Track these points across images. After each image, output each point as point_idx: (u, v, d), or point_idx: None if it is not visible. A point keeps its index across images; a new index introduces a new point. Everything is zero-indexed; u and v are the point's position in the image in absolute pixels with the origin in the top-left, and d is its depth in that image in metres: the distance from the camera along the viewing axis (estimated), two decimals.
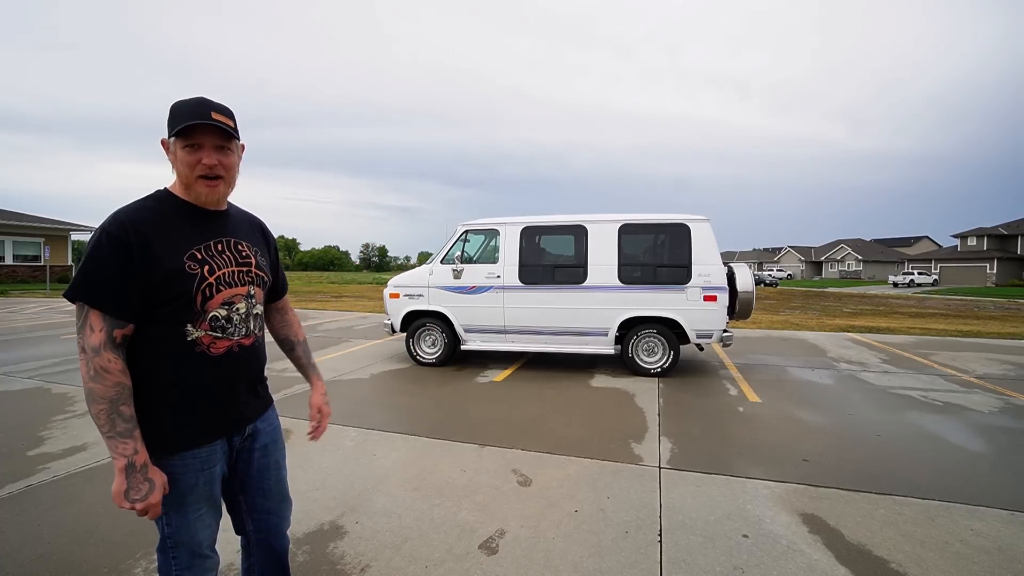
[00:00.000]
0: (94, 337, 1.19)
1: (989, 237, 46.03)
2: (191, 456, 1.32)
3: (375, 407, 4.71)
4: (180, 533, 1.34)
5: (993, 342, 9.00)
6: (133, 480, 1.20)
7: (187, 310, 1.29)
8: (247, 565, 1.60)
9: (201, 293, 1.30)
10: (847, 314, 14.60)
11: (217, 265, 1.34)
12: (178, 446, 1.31)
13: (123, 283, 1.21)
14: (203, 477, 1.35)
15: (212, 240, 1.36)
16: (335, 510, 2.71)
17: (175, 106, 1.30)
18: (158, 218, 1.28)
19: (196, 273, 1.29)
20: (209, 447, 1.36)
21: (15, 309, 13.51)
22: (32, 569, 2.16)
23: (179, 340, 1.28)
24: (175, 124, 1.28)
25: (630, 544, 2.39)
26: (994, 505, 2.77)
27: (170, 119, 1.30)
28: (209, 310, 1.32)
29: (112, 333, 1.21)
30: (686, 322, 5.80)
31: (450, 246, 6.44)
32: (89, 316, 1.20)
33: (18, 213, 25.85)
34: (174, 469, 1.30)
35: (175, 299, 1.27)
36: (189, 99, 1.31)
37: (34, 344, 7.93)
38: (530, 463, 3.36)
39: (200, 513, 1.36)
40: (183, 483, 1.32)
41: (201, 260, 1.31)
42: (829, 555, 2.31)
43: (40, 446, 3.57)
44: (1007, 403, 4.89)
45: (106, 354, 1.19)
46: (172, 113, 1.30)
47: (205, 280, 1.31)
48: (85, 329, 1.20)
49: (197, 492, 1.34)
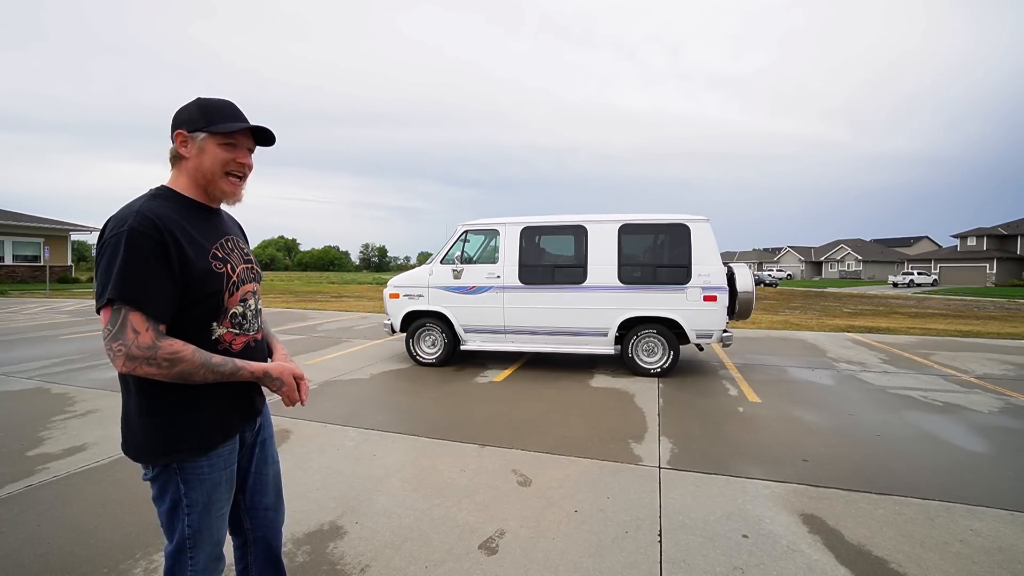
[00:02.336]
0: (143, 338, 1.14)
1: (989, 237, 46.04)
2: (216, 454, 1.33)
3: (375, 407, 4.70)
4: (202, 534, 1.31)
5: (993, 342, 9.00)
6: (267, 385, 1.35)
7: (217, 309, 1.29)
8: (243, 566, 1.58)
9: (228, 291, 1.31)
10: (847, 314, 14.61)
11: (235, 262, 1.36)
12: (208, 446, 1.30)
13: (163, 283, 1.18)
14: (227, 474, 1.36)
15: (223, 238, 1.36)
16: (335, 510, 2.70)
17: (208, 103, 1.30)
18: (178, 216, 1.26)
19: (223, 272, 1.30)
20: (232, 443, 1.37)
21: (15, 309, 13.51)
22: (32, 569, 2.16)
23: (205, 339, 1.28)
24: (212, 120, 1.27)
25: (630, 544, 2.39)
26: (994, 505, 2.77)
27: (202, 115, 1.28)
28: (231, 307, 1.33)
29: (159, 330, 1.18)
30: (686, 322, 5.80)
31: (450, 246, 6.44)
32: (130, 319, 1.14)
33: (18, 213, 25.85)
34: (201, 470, 1.30)
35: (208, 299, 1.27)
36: (218, 99, 1.32)
37: (34, 344, 7.93)
38: (530, 463, 3.36)
39: (222, 511, 1.37)
40: (210, 482, 1.31)
41: (222, 258, 1.32)
42: (829, 555, 2.31)
43: (40, 446, 3.57)
44: (1007, 403, 4.89)
45: (164, 343, 1.16)
46: (205, 109, 1.29)
47: (230, 278, 1.32)
48: (127, 333, 1.14)
49: (221, 490, 1.35)
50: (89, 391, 5.07)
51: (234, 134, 1.30)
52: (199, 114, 1.29)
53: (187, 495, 1.30)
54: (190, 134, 1.28)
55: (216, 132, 1.27)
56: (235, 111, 1.32)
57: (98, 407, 4.52)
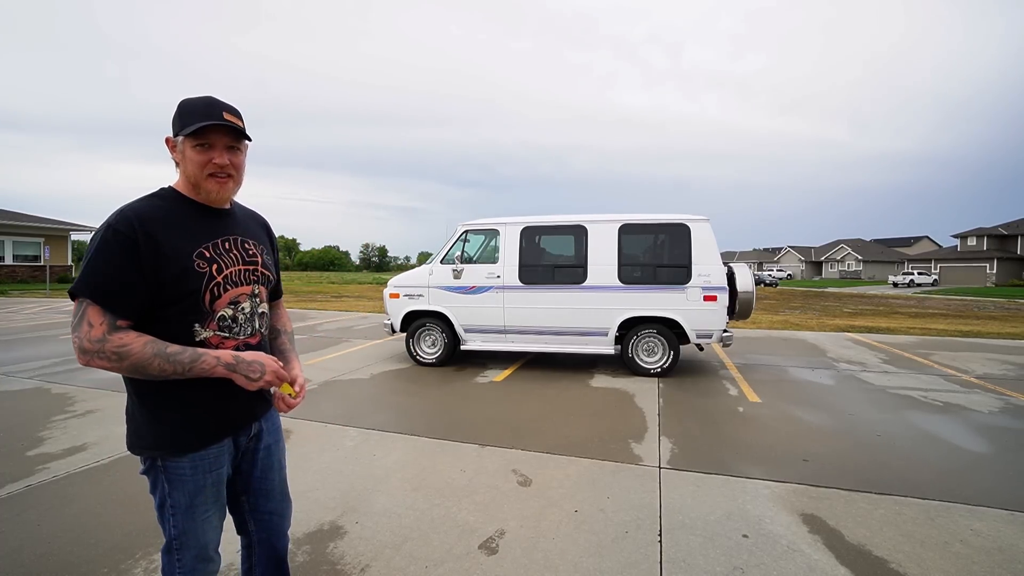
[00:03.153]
0: (94, 331, 1.16)
1: (989, 237, 46.03)
2: (199, 457, 1.32)
3: (375, 407, 4.70)
4: (187, 536, 1.32)
5: (993, 342, 9.00)
6: (243, 372, 1.27)
7: (195, 310, 1.27)
8: (247, 566, 1.60)
9: (209, 292, 1.29)
10: (847, 314, 14.60)
11: (225, 264, 1.33)
12: (188, 447, 1.30)
13: (128, 280, 1.18)
14: (211, 478, 1.35)
15: (219, 238, 1.34)
16: (335, 510, 2.71)
17: (184, 105, 1.28)
18: (165, 216, 1.26)
19: (205, 272, 1.28)
20: (217, 447, 1.36)
21: (15, 309, 13.51)
22: (32, 569, 2.16)
23: (188, 341, 1.27)
24: (185, 123, 1.26)
25: (630, 544, 2.39)
26: (994, 505, 2.77)
27: (178, 117, 1.27)
28: (217, 310, 1.31)
29: (115, 325, 1.18)
30: (686, 322, 5.80)
31: (450, 246, 6.44)
32: (87, 312, 1.17)
33: (18, 213, 25.84)
34: (183, 471, 1.30)
35: (183, 298, 1.25)
36: (197, 98, 1.29)
37: (34, 344, 7.93)
38: (530, 463, 3.36)
39: (208, 515, 1.36)
40: (192, 484, 1.31)
41: (210, 259, 1.30)
42: (829, 555, 2.31)
43: (40, 446, 3.57)
44: (1007, 403, 4.89)
45: (113, 336, 1.16)
46: (181, 112, 1.28)
47: (214, 279, 1.30)
48: (83, 326, 1.16)
49: (205, 493, 1.34)
50: (89, 391, 5.07)
51: (207, 134, 1.26)
52: (177, 117, 1.28)
53: (171, 495, 1.31)
54: (175, 138, 1.29)
55: (189, 135, 1.26)
56: (208, 110, 1.27)
57: (98, 407, 4.52)
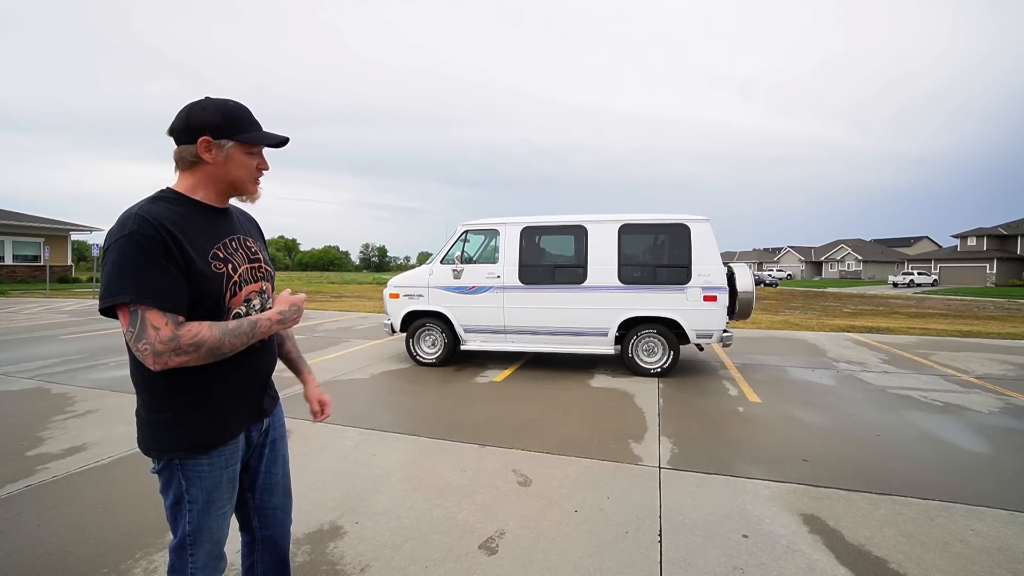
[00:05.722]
0: (163, 332, 1.14)
1: (989, 237, 46.02)
2: (217, 454, 1.33)
3: (375, 407, 4.70)
4: (202, 532, 1.33)
5: (993, 342, 9.00)
6: (291, 319, 1.39)
7: (217, 310, 1.28)
8: (249, 563, 1.60)
9: (229, 291, 1.30)
10: (847, 314, 14.61)
11: (237, 263, 1.35)
12: (206, 446, 1.31)
13: (174, 277, 1.18)
14: (227, 474, 1.36)
15: (227, 238, 1.35)
16: (335, 510, 2.71)
17: (229, 110, 1.29)
18: (179, 218, 1.25)
19: (223, 272, 1.29)
20: (233, 443, 1.37)
21: (15, 309, 13.51)
22: (32, 569, 2.16)
23: None
24: (240, 130, 1.29)
25: (630, 544, 2.39)
26: (994, 505, 2.77)
27: (228, 122, 1.28)
28: (232, 308, 1.32)
29: (178, 321, 1.18)
30: (686, 322, 5.80)
31: (450, 246, 6.44)
32: (147, 317, 1.14)
33: (18, 213, 25.85)
34: (201, 468, 1.31)
35: (206, 300, 1.26)
36: (233, 103, 1.32)
37: (34, 344, 7.93)
38: (530, 463, 3.36)
39: (224, 511, 1.37)
40: (210, 481, 1.32)
41: (224, 259, 1.31)
42: (829, 555, 2.31)
43: (40, 446, 3.57)
44: (1007, 403, 4.89)
45: (182, 331, 1.16)
46: (230, 117, 1.29)
47: (231, 279, 1.31)
48: (147, 332, 1.13)
49: (221, 490, 1.35)
50: (89, 391, 5.07)
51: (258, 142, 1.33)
52: (224, 121, 1.28)
53: (188, 491, 1.31)
54: (216, 140, 1.27)
55: (243, 142, 1.29)
56: (253, 118, 1.35)
57: (98, 407, 4.52)
